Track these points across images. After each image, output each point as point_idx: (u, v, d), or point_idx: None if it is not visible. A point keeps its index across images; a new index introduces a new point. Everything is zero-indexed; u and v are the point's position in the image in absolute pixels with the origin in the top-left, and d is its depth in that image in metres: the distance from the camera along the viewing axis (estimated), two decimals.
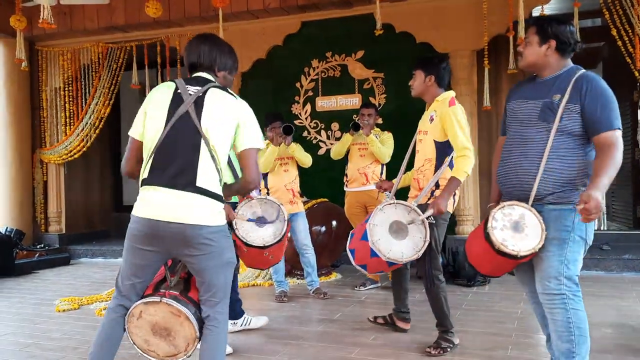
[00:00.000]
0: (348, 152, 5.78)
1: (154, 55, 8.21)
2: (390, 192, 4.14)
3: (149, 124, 2.58)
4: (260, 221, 3.85)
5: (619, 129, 2.67)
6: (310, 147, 7.22)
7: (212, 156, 2.51)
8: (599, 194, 2.51)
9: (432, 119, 3.82)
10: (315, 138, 7.72)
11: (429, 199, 3.76)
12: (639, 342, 3.89)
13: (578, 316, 2.70)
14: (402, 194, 4.19)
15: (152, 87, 8.41)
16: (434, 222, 3.64)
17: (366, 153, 5.64)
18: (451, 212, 3.86)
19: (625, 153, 8.26)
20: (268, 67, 7.92)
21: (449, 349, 3.75)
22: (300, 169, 5.69)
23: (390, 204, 3.64)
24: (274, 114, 5.65)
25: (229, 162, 3.16)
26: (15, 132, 8.65)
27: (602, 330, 4.18)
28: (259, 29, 7.79)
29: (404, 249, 3.56)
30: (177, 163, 2.48)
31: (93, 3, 7.45)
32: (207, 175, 2.50)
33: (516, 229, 2.76)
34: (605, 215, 10.41)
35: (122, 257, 2.63)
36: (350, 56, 7.59)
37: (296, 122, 7.74)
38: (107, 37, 8.41)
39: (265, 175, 5.52)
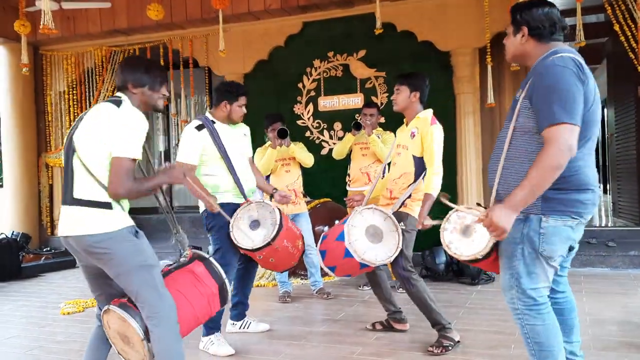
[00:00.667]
0: (350, 152, 5.78)
1: (156, 58, 8.24)
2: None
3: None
4: (255, 225, 3.88)
5: (563, 122, 2.29)
6: (312, 147, 7.23)
7: (85, 167, 2.57)
8: (499, 212, 2.36)
9: (413, 135, 3.91)
10: (318, 138, 7.72)
11: (399, 207, 3.89)
12: None
13: (535, 331, 2.50)
14: None
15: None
16: (405, 229, 3.79)
17: (368, 153, 5.64)
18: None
19: (629, 149, 8.27)
20: (270, 68, 7.93)
21: (450, 347, 3.75)
22: (303, 169, 5.69)
23: (368, 208, 3.79)
24: (274, 114, 5.65)
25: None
26: (21, 136, 8.71)
27: (606, 328, 4.16)
28: (261, 30, 7.80)
29: (378, 252, 3.70)
30: (65, 181, 2.67)
31: (95, 6, 7.47)
32: (83, 185, 2.58)
33: (465, 233, 2.78)
34: (610, 212, 10.36)
35: None
36: (352, 56, 7.59)
37: (298, 122, 7.75)
38: (110, 41, 8.46)
39: (267, 177, 5.53)
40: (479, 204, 2.86)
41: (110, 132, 2.56)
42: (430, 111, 3.96)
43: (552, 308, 2.68)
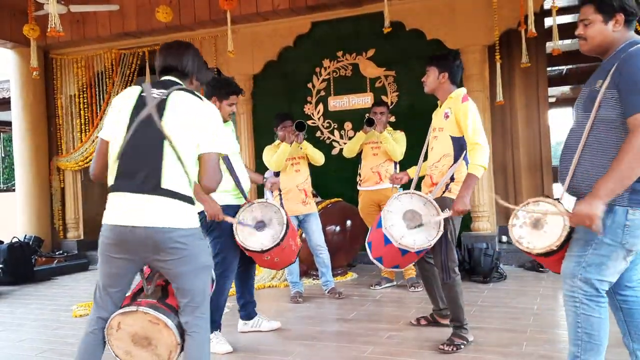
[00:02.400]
0: (361, 151, 5.76)
1: None
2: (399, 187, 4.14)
3: (113, 129, 2.55)
4: (259, 225, 3.85)
5: None
6: (323, 147, 7.22)
7: (178, 158, 2.45)
8: (588, 204, 2.35)
9: (447, 116, 3.82)
10: (329, 138, 7.71)
11: (444, 192, 3.79)
12: None
13: (589, 322, 2.49)
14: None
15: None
16: (450, 215, 3.64)
17: (379, 152, 5.61)
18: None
19: None
20: (279, 68, 7.93)
21: (462, 346, 3.73)
22: (314, 169, 5.67)
23: (406, 193, 3.67)
24: (283, 113, 5.65)
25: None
26: (32, 140, 8.75)
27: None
28: (270, 31, 7.80)
29: (417, 237, 3.57)
30: (141, 167, 2.44)
31: (103, 10, 7.51)
32: (173, 177, 2.44)
33: (535, 226, 2.67)
34: None
35: (98, 268, 2.59)
36: (361, 55, 7.57)
37: (309, 122, 7.73)
38: (120, 44, 8.49)
39: (277, 176, 5.52)
40: (547, 195, 2.79)
41: (200, 127, 2.50)
42: (463, 89, 3.88)
43: (621, 307, 2.67)
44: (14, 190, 9.52)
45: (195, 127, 2.49)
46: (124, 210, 2.45)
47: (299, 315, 4.92)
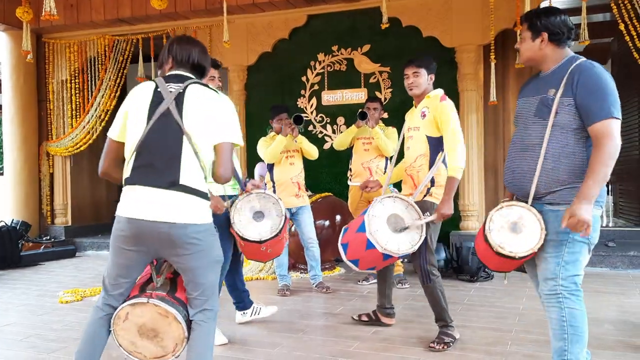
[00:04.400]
0: (352, 146, 5.76)
1: (159, 48, 8.16)
2: (392, 187, 4.14)
3: (130, 125, 2.54)
4: (258, 216, 3.84)
5: (615, 117, 2.53)
6: (315, 141, 7.22)
7: (195, 153, 2.46)
8: (583, 209, 2.48)
9: (424, 115, 3.86)
10: (321, 132, 7.71)
11: (424, 195, 3.81)
12: None
13: (573, 314, 2.64)
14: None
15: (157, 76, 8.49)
16: (431, 220, 3.67)
17: (370, 147, 5.61)
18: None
19: (631, 149, 8.25)
20: (274, 61, 7.91)
21: (451, 343, 3.74)
22: (306, 163, 5.68)
23: (389, 197, 3.67)
24: (279, 106, 5.65)
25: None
26: (22, 125, 8.69)
27: (603, 327, 4.16)
28: (265, 22, 7.77)
29: (401, 242, 3.58)
30: (160, 161, 2.45)
31: None
32: (191, 172, 2.46)
33: (514, 229, 2.74)
34: (611, 212, 10.34)
35: (109, 257, 2.60)
36: (356, 50, 7.57)
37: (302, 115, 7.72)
38: (114, 30, 8.43)
39: (271, 169, 5.52)
40: (518, 199, 2.85)
41: (217, 118, 2.52)
42: (440, 90, 3.93)
43: None
44: (2, 174, 9.46)
45: (212, 119, 2.52)
46: (142, 203, 2.44)
47: (286, 308, 4.93)
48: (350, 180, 5.77)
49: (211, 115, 2.52)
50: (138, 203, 2.45)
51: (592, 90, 2.57)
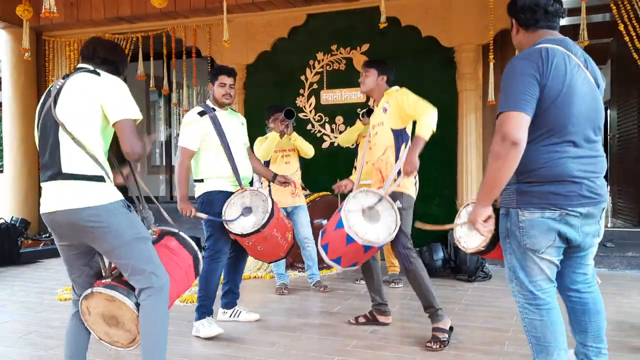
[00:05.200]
0: (357, 143, 5.72)
1: (159, 46, 8.23)
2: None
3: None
4: (247, 211, 3.93)
5: (503, 111, 2.38)
6: (314, 140, 7.22)
7: (74, 139, 2.51)
8: (474, 209, 2.48)
9: (385, 110, 4.00)
10: (320, 131, 7.71)
11: (393, 187, 3.87)
12: (638, 339, 3.87)
13: (533, 325, 2.53)
14: None
15: (157, 78, 8.49)
16: (401, 207, 3.82)
17: None
18: (414, 197, 3.99)
19: (631, 151, 8.24)
20: (273, 60, 7.92)
21: (447, 341, 3.75)
22: (304, 163, 5.67)
23: (360, 191, 3.83)
24: (275, 105, 5.64)
25: None
26: (22, 122, 8.69)
27: None
28: (264, 21, 7.78)
29: (379, 231, 3.71)
30: (46, 157, 2.57)
31: None
32: (73, 160, 2.52)
33: (471, 227, 2.78)
34: (609, 213, 10.36)
35: None
36: (355, 49, 7.57)
37: (300, 115, 7.74)
38: (113, 28, 8.44)
39: (267, 164, 5.52)
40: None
41: (102, 101, 2.53)
42: (396, 86, 4.09)
43: (567, 306, 2.72)
44: (1, 171, 9.46)
45: (93, 102, 2.53)
46: (44, 199, 2.60)
47: (284, 307, 4.94)
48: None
49: (91, 97, 2.52)
50: (44, 199, 2.61)
51: (501, 86, 2.48)
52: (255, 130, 5.81)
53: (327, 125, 7.70)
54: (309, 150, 5.54)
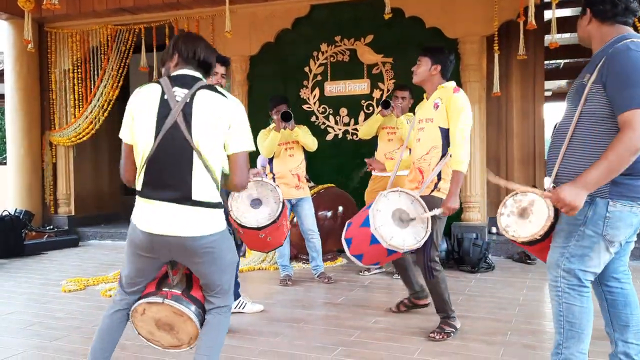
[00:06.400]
0: (377, 135, 5.59)
1: (162, 37, 8.20)
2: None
3: (138, 131, 2.50)
4: (255, 203, 3.87)
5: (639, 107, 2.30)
6: (318, 132, 7.19)
7: (206, 167, 2.45)
8: (568, 190, 2.39)
9: (437, 106, 3.75)
10: (324, 123, 7.69)
11: (432, 190, 3.74)
12: None
13: (571, 310, 2.54)
14: None
15: (160, 69, 8.47)
16: (437, 215, 3.63)
17: (394, 137, 5.43)
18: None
19: None
20: (277, 51, 7.88)
21: (452, 334, 3.75)
22: (308, 154, 5.66)
23: (394, 191, 3.62)
24: (278, 96, 5.61)
25: None
26: (25, 114, 8.68)
27: (600, 319, 4.15)
28: (268, 12, 7.75)
29: (406, 237, 3.54)
30: (170, 177, 2.44)
31: None
32: (203, 187, 2.45)
33: (522, 215, 2.72)
34: None
35: (125, 258, 2.64)
36: (359, 41, 7.53)
37: (304, 106, 7.72)
38: (116, 19, 8.40)
39: (270, 161, 5.52)
40: (534, 186, 2.83)
41: (227, 127, 2.48)
42: (453, 82, 3.84)
43: (606, 297, 2.73)
44: (5, 163, 9.47)
45: (223, 128, 2.48)
46: (156, 218, 2.46)
47: (288, 298, 4.95)
48: (374, 170, 5.44)
49: (220, 123, 2.46)
50: (152, 217, 2.47)
51: (619, 79, 2.37)
52: (259, 121, 5.81)
53: (331, 117, 7.67)
54: (312, 144, 5.49)
